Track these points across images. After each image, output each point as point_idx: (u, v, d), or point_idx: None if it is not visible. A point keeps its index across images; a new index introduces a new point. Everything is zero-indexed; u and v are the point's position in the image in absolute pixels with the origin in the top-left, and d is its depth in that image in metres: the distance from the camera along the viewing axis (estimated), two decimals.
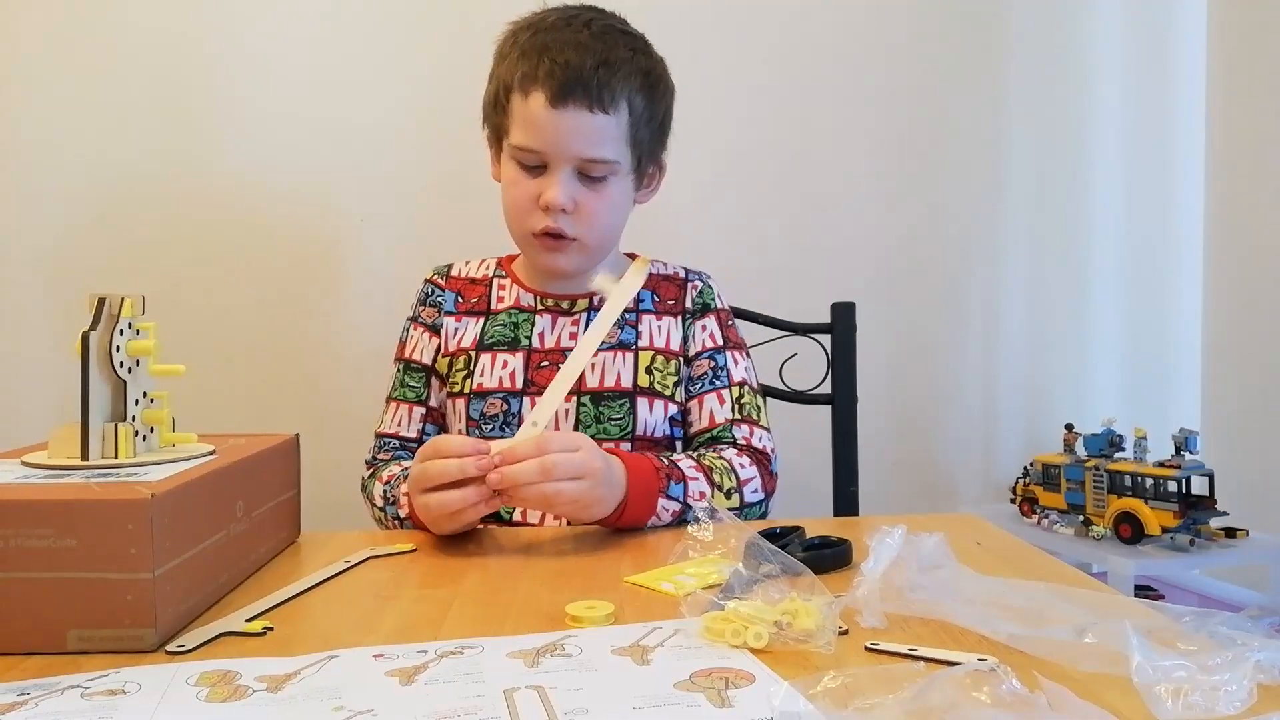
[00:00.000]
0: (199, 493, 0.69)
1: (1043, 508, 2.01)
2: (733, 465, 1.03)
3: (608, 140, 1.07)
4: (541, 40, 1.07)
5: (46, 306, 1.66)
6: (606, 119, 1.06)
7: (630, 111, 1.08)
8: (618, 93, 1.06)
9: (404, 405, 1.17)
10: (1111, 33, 2.17)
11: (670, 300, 1.17)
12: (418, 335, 1.18)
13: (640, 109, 1.09)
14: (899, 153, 1.99)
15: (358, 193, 1.76)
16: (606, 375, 1.11)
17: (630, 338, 1.14)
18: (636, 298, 1.14)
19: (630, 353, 1.13)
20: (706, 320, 1.17)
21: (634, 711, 0.50)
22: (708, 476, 0.99)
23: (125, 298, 0.74)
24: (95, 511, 0.61)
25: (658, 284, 1.18)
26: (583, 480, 0.85)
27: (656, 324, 1.15)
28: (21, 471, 0.70)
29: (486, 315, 1.16)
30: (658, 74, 1.12)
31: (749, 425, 1.12)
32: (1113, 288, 2.21)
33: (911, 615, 0.64)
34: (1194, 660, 0.51)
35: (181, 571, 0.65)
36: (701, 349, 1.16)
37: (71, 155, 1.68)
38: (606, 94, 1.05)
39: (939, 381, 2.05)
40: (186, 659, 0.60)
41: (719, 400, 1.13)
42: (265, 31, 1.73)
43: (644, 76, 1.09)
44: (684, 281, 1.19)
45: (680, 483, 0.96)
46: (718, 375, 1.14)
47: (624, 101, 1.07)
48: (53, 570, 0.60)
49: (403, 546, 0.88)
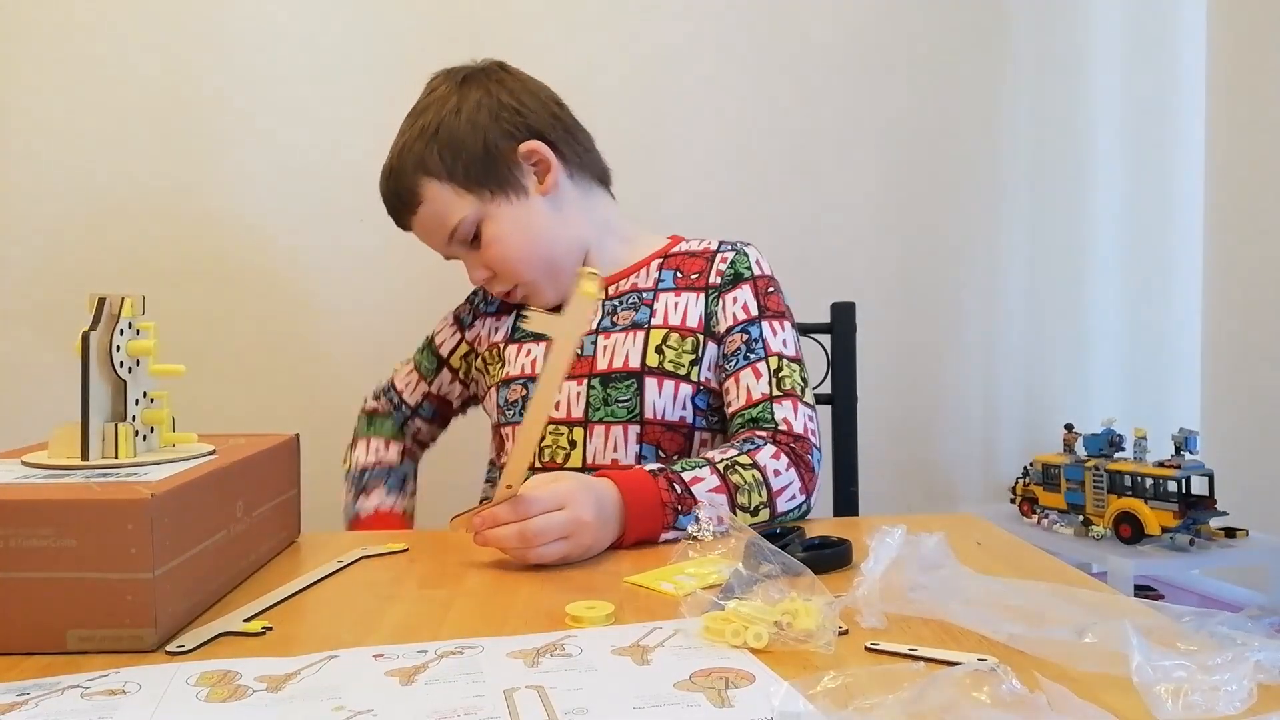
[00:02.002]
0: (199, 493, 0.69)
1: (1043, 508, 2.01)
2: (765, 476, 0.94)
3: (444, 213, 1.08)
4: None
5: (48, 306, 1.66)
6: (426, 207, 1.09)
7: (439, 177, 1.08)
8: (416, 185, 1.08)
9: (416, 374, 1.24)
10: (1111, 33, 2.17)
11: (694, 274, 1.11)
12: (448, 326, 1.24)
13: (445, 167, 1.07)
14: (899, 153, 1.99)
15: (358, 192, 1.76)
16: (615, 356, 1.08)
17: (644, 317, 1.09)
18: (657, 280, 1.12)
19: (642, 332, 1.09)
20: (738, 291, 1.09)
21: (634, 711, 0.50)
22: (731, 498, 0.91)
23: (125, 298, 0.74)
24: (95, 511, 0.61)
25: (681, 262, 1.13)
26: (568, 539, 0.80)
27: (674, 300, 1.10)
28: (21, 471, 0.70)
29: (516, 311, 1.17)
30: (446, 126, 1.08)
31: (790, 401, 1.02)
32: (1112, 288, 2.21)
33: (911, 615, 0.64)
34: (1194, 660, 0.51)
35: (181, 571, 0.65)
36: (733, 322, 1.08)
37: (71, 155, 1.68)
38: (408, 196, 1.09)
39: (939, 381, 2.05)
40: (186, 659, 0.59)
41: (754, 375, 1.04)
42: (265, 32, 1.73)
43: (426, 143, 1.08)
44: (713, 254, 1.13)
45: (690, 514, 0.87)
46: (752, 348, 1.06)
47: (423, 182, 1.08)
48: (52, 570, 0.60)
49: (394, 546, 0.88)
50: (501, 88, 1.11)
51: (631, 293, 1.12)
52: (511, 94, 1.11)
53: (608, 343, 1.09)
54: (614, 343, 1.09)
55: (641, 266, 1.14)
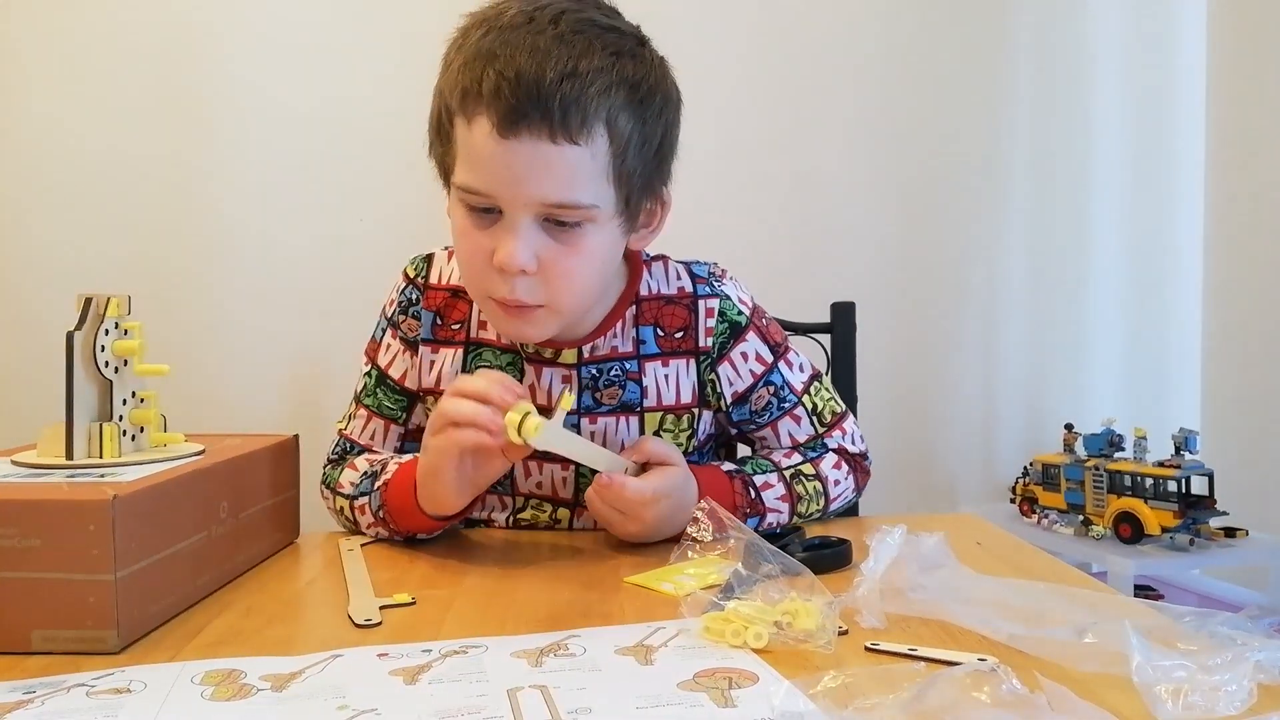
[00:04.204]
0: (173, 494, 0.68)
1: (1043, 507, 2.01)
2: (826, 487, 0.95)
3: (580, 178, 0.81)
4: (490, 44, 0.80)
5: (48, 305, 1.66)
6: (577, 151, 0.80)
7: (611, 138, 0.81)
8: (591, 114, 0.79)
9: (378, 420, 0.98)
10: (1112, 32, 2.18)
11: (678, 333, 0.95)
12: (395, 348, 0.98)
13: (626, 132, 0.82)
14: (900, 153, 1.99)
15: (358, 192, 1.76)
16: (610, 445, 0.94)
17: (634, 397, 0.94)
18: (636, 339, 0.95)
19: (635, 416, 0.95)
20: (744, 345, 0.96)
21: (637, 711, 0.50)
22: (792, 507, 0.92)
23: (111, 298, 0.74)
24: (57, 512, 0.60)
25: (659, 313, 0.95)
26: (650, 524, 0.85)
27: (663, 372, 0.95)
28: (5, 470, 0.70)
29: (467, 346, 0.96)
30: (651, 83, 0.85)
31: (837, 429, 1.00)
32: (1112, 288, 2.21)
33: (911, 615, 0.64)
34: (1194, 660, 0.51)
35: (150, 573, 0.64)
36: (753, 379, 0.97)
37: (70, 155, 1.68)
38: (575, 116, 0.79)
39: (939, 381, 2.05)
40: (190, 658, 0.60)
41: (794, 422, 0.99)
42: (265, 32, 1.73)
43: (629, 89, 0.82)
44: (692, 301, 0.96)
45: (758, 517, 0.90)
46: (783, 398, 0.98)
47: (600, 125, 0.81)
48: (17, 570, 0.60)
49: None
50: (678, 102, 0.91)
51: (612, 360, 0.94)
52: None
53: (595, 428, 0.94)
54: (603, 429, 0.94)
55: (616, 321, 0.94)
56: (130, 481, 0.65)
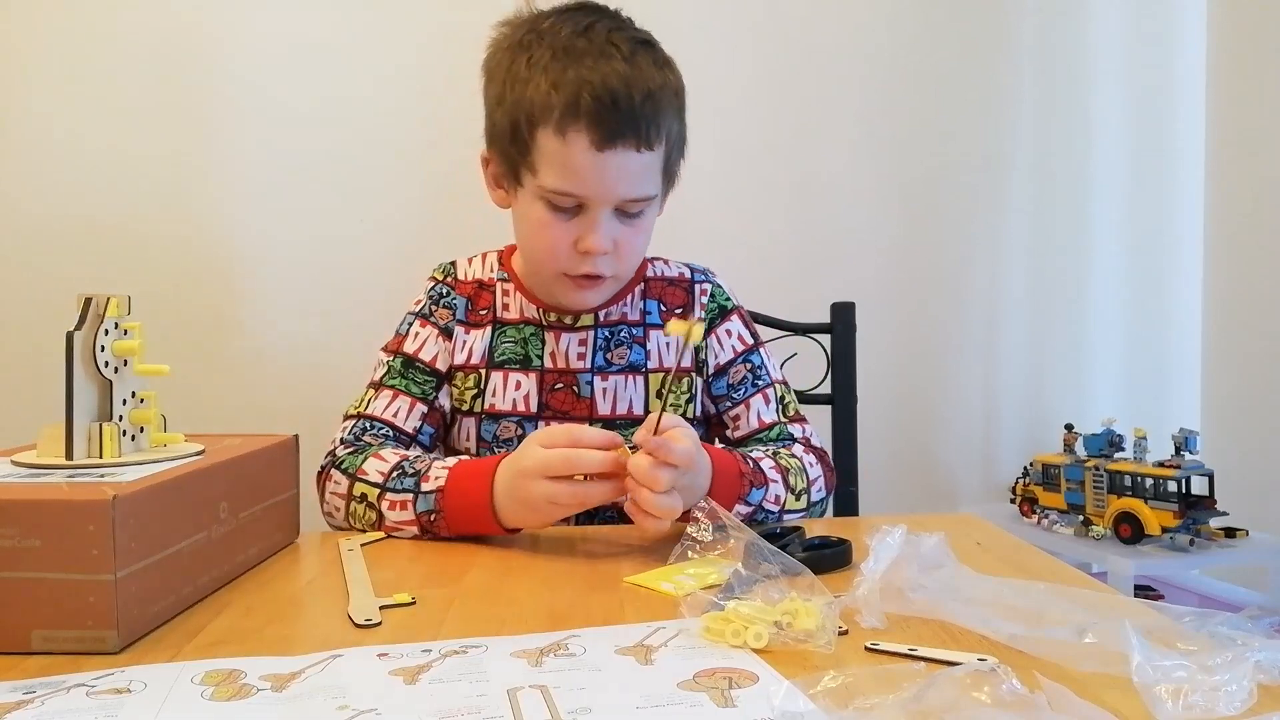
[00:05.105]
0: (172, 494, 0.68)
1: (1043, 508, 2.01)
2: (804, 465, 1.01)
3: (650, 176, 0.99)
4: (573, 69, 0.95)
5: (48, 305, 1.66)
6: (651, 156, 0.98)
7: (667, 139, 1.00)
8: (663, 125, 0.98)
9: (404, 397, 1.05)
10: (1112, 33, 2.18)
11: (678, 309, 1.11)
12: (427, 334, 1.07)
13: (675, 134, 1.02)
14: (900, 153, 2.00)
15: (358, 192, 1.76)
16: (618, 401, 1.07)
17: (640, 359, 1.08)
18: (642, 310, 1.10)
19: (640, 375, 1.08)
20: (729, 324, 1.12)
21: (637, 711, 0.50)
22: (784, 479, 0.97)
23: (111, 297, 0.74)
24: (57, 512, 0.60)
25: (663, 290, 1.11)
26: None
27: (665, 340, 1.09)
28: (5, 470, 0.70)
29: (494, 326, 1.08)
30: (679, 85, 1.02)
31: (799, 424, 1.09)
32: (1113, 288, 2.21)
33: (911, 615, 0.64)
34: (1194, 660, 0.51)
35: (150, 573, 0.64)
36: (734, 354, 1.11)
37: (68, 155, 1.68)
38: (654, 131, 0.96)
39: (939, 381, 2.05)
40: (190, 658, 0.60)
41: (764, 400, 1.09)
42: (265, 32, 1.73)
43: (675, 95, 1.01)
44: (690, 284, 1.13)
45: (761, 487, 0.94)
46: (758, 376, 1.10)
47: (664, 131, 0.98)
48: (17, 570, 0.60)
49: (375, 536, 0.91)
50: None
51: (621, 324, 1.09)
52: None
53: (606, 385, 1.07)
54: (613, 386, 1.07)
55: (626, 294, 1.10)
56: (130, 482, 0.65)
